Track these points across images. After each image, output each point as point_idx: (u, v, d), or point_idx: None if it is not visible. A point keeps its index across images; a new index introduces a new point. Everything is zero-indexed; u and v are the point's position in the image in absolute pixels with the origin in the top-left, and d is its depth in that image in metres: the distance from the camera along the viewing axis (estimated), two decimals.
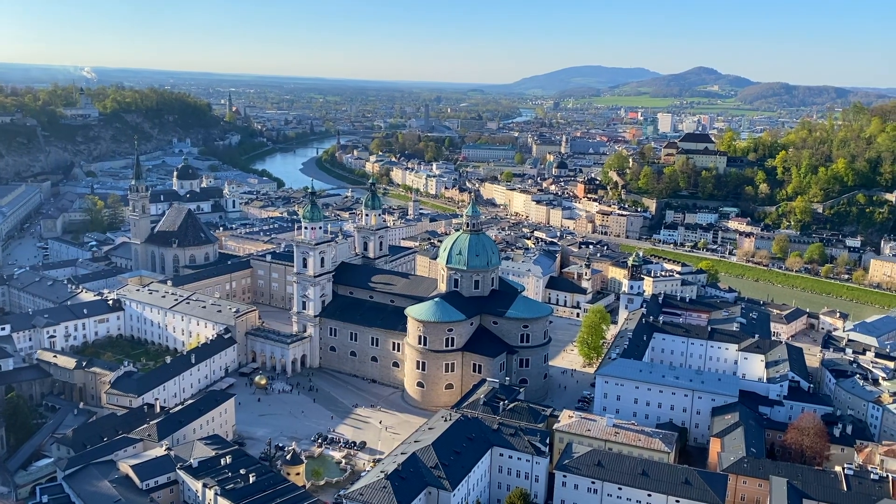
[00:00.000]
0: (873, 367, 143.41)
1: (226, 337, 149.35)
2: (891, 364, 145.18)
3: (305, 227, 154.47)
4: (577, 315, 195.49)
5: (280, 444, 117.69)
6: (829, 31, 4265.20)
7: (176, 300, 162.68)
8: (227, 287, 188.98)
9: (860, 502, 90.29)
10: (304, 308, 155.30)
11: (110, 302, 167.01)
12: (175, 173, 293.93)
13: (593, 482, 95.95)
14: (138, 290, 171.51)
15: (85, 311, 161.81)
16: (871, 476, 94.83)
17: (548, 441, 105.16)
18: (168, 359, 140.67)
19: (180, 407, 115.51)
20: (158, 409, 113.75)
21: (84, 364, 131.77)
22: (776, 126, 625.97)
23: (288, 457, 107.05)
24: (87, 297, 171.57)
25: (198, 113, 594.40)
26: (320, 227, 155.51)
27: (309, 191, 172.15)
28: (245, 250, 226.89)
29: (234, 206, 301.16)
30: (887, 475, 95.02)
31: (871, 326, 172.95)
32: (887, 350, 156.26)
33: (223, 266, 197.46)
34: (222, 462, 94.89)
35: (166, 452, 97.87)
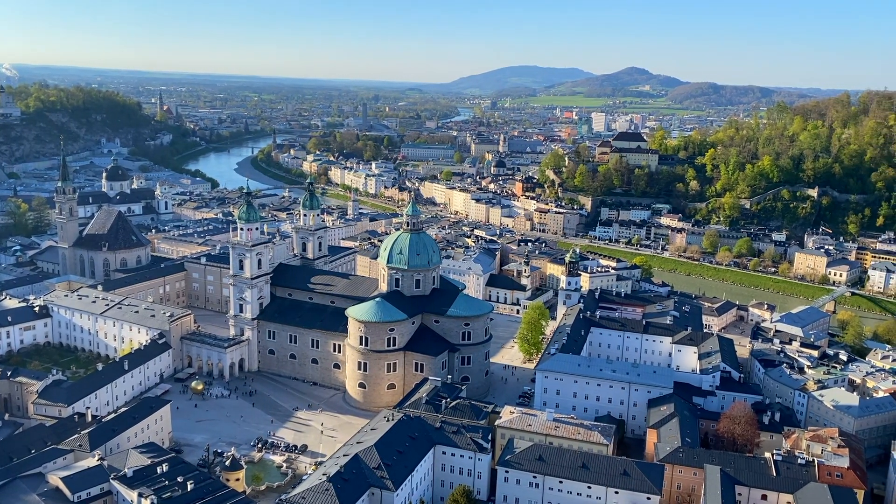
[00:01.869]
0: (799, 356, 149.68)
1: (160, 342, 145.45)
2: (815, 353, 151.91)
3: (241, 229, 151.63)
4: (517, 312, 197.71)
5: (219, 450, 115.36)
6: (755, 32, 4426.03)
7: (107, 305, 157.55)
8: (160, 291, 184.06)
9: (788, 486, 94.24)
10: (241, 311, 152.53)
11: (36, 308, 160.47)
12: (104, 174, 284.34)
13: (535, 476, 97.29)
14: (67, 295, 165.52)
15: (9, 318, 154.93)
16: (799, 461, 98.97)
17: (490, 437, 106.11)
18: (99, 366, 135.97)
19: (113, 415, 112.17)
20: (90, 419, 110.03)
21: (9, 374, 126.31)
22: (705, 125, 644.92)
23: (227, 462, 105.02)
24: (12, 303, 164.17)
25: (127, 112, 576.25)
26: (257, 228, 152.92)
27: (244, 191, 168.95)
28: (179, 253, 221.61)
29: (166, 208, 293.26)
30: (813, 459, 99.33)
31: (797, 317, 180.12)
32: (812, 339, 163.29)
33: (156, 269, 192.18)
34: (159, 470, 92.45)
35: (99, 463, 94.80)
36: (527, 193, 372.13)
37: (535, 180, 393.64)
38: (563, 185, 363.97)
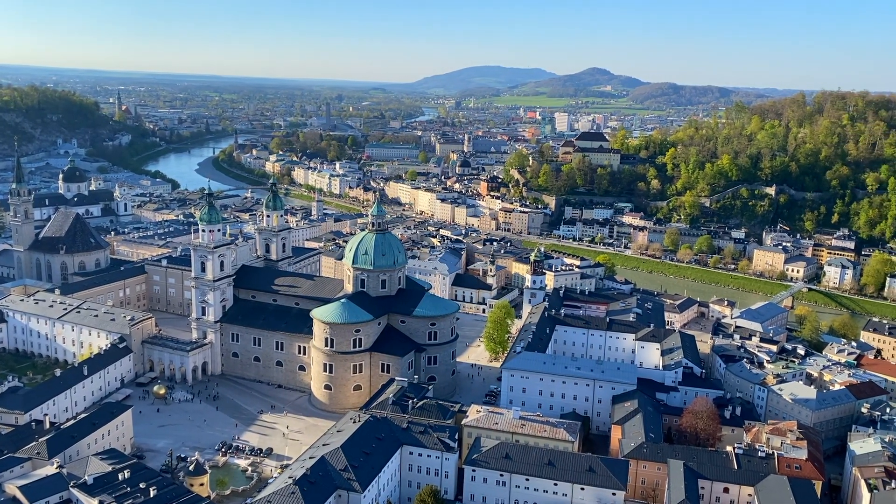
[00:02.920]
0: (758, 351, 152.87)
1: (120, 346, 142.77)
2: (774, 348, 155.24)
3: (203, 230, 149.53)
4: (483, 311, 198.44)
5: (182, 455, 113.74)
6: (713, 33, 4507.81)
7: (65, 309, 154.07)
8: (120, 294, 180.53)
9: (749, 479, 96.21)
10: (203, 314, 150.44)
11: None
12: (61, 176, 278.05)
13: (501, 475, 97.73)
14: (23, 300, 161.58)
15: None
16: (759, 454, 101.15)
17: (457, 437, 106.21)
18: (58, 371, 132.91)
19: (72, 422, 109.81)
20: (48, 426, 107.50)
21: None
22: (665, 124, 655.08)
23: (191, 467, 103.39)
24: None
25: (84, 112, 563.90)
26: (219, 230, 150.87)
27: (206, 192, 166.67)
28: (139, 255, 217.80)
29: (125, 210, 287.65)
30: (773, 452, 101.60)
31: (756, 313, 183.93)
32: (770, 335, 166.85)
33: (116, 272, 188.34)
34: (120, 477, 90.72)
35: (58, 471, 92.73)
36: (492, 193, 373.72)
37: (499, 180, 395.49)
38: (527, 185, 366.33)
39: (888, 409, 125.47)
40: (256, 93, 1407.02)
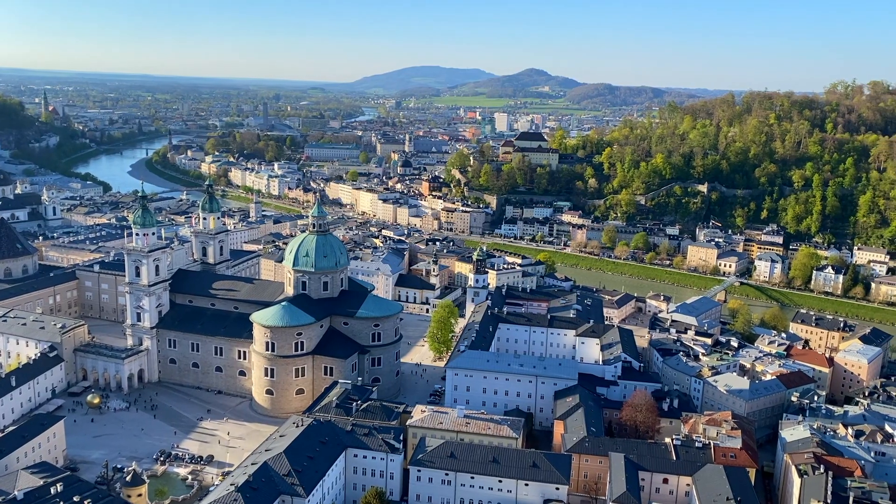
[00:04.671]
0: (694, 344, 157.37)
1: (51, 355, 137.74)
2: (709, 340, 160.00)
3: (137, 234, 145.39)
4: (427, 311, 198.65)
5: (119, 466, 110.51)
6: (647, 34, 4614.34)
7: None
8: (50, 301, 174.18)
9: (687, 469, 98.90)
10: (138, 320, 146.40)
11: None
12: None
13: (447, 474, 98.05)
14: None
15: None
16: (696, 444, 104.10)
17: (401, 437, 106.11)
18: None
19: (0, 435, 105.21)
20: None
21: None
22: (602, 124, 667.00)
23: (128, 478, 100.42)
24: None
25: (8, 112, 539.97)
26: (153, 233, 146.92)
27: (139, 194, 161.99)
28: (70, 261, 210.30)
29: (54, 214, 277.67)
30: (709, 442, 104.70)
31: (691, 307, 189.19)
32: (705, 328, 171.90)
33: (45, 279, 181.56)
34: (52, 491, 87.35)
35: None
36: (433, 193, 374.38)
37: (441, 180, 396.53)
38: (468, 185, 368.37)
39: (816, 398, 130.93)
40: (191, 92, 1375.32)
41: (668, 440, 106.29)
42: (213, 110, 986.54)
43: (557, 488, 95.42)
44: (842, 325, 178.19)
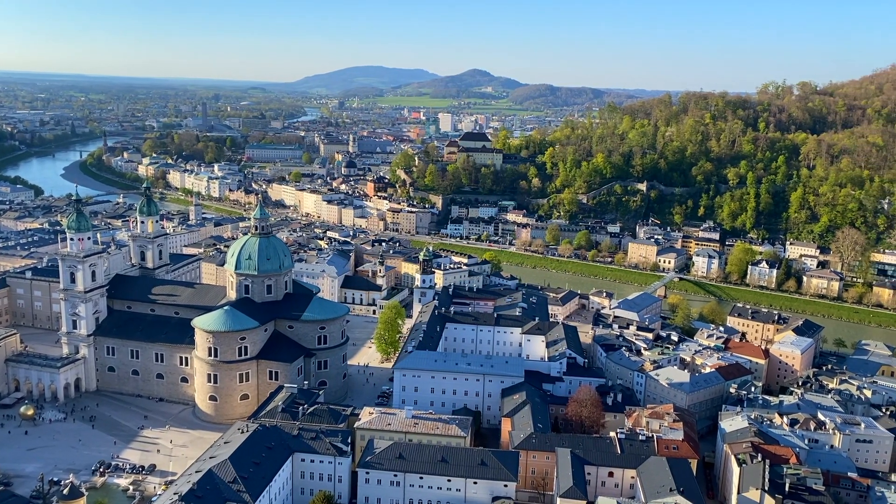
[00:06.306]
0: (636, 339, 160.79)
1: None
2: (650, 335, 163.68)
3: (71, 239, 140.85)
4: (374, 312, 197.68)
5: (55, 479, 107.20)
6: (587, 36, 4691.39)
7: None
8: None
9: (632, 462, 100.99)
10: (74, 327, 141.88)
11: None
12: None
13: (395, 475, 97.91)
14: None
15: None
16: (640, 437, 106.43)
17: (349, 440, 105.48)
18: None
19: None
20: None
21: None
22: (544, 125, 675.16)
23: (65, 491, 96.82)
24: None
25: None
26: (89, 238, 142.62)
27: (73, 198, 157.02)
28: (0, 268, 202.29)
29: None
30: (652, 435, 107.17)
31: (632, 303, 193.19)
32: (646, 323, 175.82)
33: None
34: None
35: None
36: (379, 193, 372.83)
37: (386, 180, 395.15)
38: (414, 185, 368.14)
39: (753, 388, 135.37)
40: (126, 93, 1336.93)
41: (612, 434, 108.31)
42: (150, 111, 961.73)
43: (506, 485, 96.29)
44: (776, 317, 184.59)
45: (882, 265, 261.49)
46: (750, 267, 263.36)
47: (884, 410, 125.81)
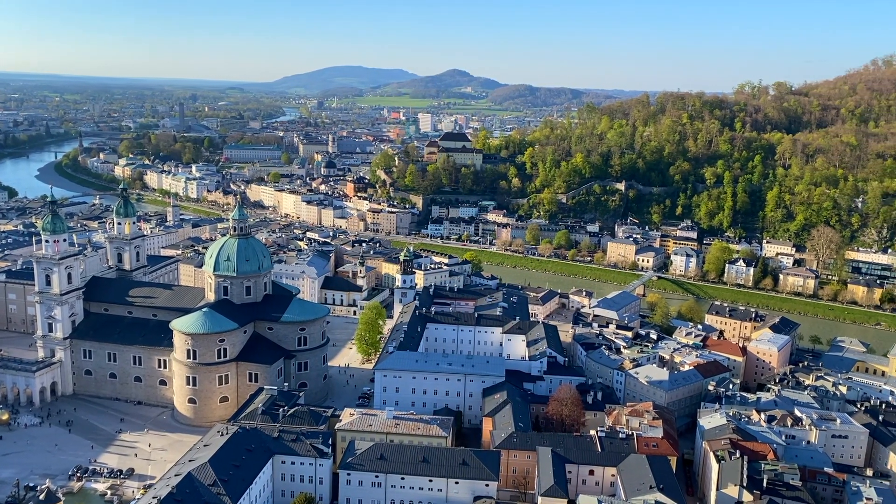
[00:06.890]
0: (615, 337, 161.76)
1: None
2: (629, 334, 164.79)
3: (47, 241, 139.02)
4: (354, 313, 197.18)
5: (31, 484, 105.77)
6: (566, 37, 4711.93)
7: None
8: None
9: (612, 460, 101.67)
10: (50, 330, 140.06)
11: None
12: None
13: (377, 476, 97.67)
14: None
15: None
16: (620, 435, 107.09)
17: (330, 442, 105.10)
18: None
19: None
20: None
21: None
22: (523, 125, 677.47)
23: (41, 496, 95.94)
24: None
25: None
26: (65, 240, 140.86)
27: (48, 199, 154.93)
28: None
29: None
30: (632, 433, 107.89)
31: (612, 302, 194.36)
32: (626, 322, 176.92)
33: None
34: None
35: None
36: (359, 194, 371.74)
37: (366, 180, 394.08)
38: (394, 185, 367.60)
39: (731, 386, 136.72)
40: (102, 93, 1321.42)
41: (593, 432, 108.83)
42: (127, 111, 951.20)
43: (487, 485, 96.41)
44: (753, 315, 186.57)
45: (856, 263, 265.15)
46: (727, 265, 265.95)
47: (859, 406, 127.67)
